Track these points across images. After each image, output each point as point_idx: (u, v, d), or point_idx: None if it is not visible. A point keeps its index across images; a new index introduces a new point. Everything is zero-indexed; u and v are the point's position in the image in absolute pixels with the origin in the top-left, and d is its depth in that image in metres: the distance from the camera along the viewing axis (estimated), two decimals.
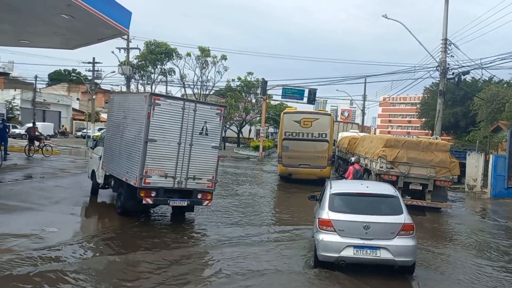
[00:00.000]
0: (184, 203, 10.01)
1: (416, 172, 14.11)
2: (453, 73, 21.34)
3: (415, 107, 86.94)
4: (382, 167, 14.19)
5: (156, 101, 9.46)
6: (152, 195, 9.59)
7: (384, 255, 6.86)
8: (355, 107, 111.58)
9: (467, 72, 20.68)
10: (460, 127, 42.86)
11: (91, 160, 13.62)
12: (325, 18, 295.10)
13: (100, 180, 12.10)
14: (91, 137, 20.37)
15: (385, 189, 8.05)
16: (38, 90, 59.14)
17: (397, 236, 6.93)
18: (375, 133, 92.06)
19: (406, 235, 7.00)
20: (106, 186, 12.07)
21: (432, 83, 63.68)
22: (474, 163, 21.94)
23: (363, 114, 51.01)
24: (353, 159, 14.90)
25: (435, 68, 22.53)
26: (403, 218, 7.10)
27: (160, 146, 9.54)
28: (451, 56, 21.81)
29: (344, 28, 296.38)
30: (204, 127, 10.02)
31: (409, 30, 22.19)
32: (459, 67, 20.79)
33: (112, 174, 11.15)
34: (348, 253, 6.92)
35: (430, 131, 66.51)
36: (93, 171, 12.79)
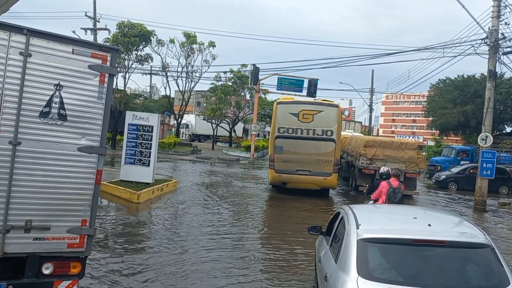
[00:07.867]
0: None
1: (390, 167, 16.55)
2: None
3: (420, 106, 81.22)
4: (363, 163, 17.16)
5: None
6: None
7: None
8: (355, 107, 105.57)
9: None
10: (470, 127, 39.79)
11: None
12: (318, 20, 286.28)
13: None
14: None
15: (464, 229, 4.16)
16: None
17: None
18: (377, 134, 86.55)
19: None
20: None
21: (439, 80, 57.88)
22: None
23: (371, 110, 44.69)
24: (387, 169, 8.90)
25: (481, 41, 16.53)
26: None
27: None
28: (506, 23, 15.84)
29: (340, 29, 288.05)
30: (56, 100, 4.03)
31: None
32: None
33: None
34: None
35: (438, 131, 60.83)
36: None
